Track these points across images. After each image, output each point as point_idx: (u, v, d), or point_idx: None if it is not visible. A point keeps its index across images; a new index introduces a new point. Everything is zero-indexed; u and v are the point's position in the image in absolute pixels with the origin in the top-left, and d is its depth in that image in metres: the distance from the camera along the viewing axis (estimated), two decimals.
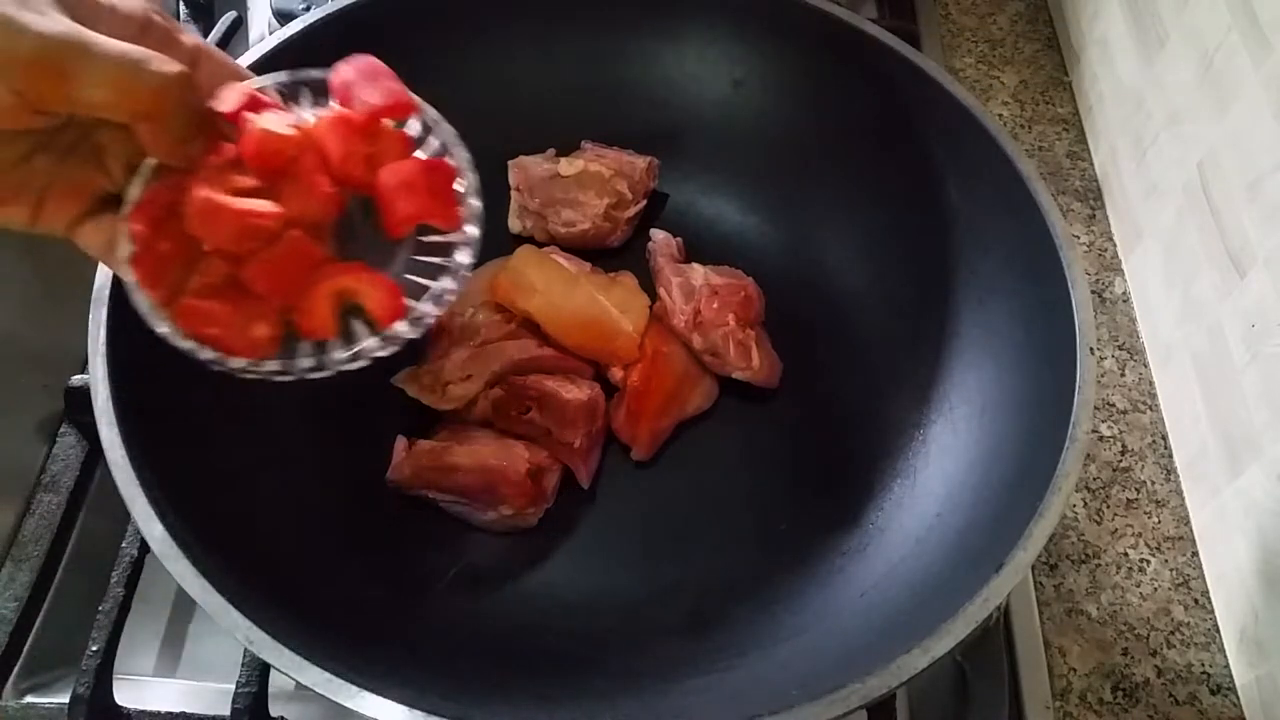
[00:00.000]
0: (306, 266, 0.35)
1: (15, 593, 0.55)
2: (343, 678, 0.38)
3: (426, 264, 0.38)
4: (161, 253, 0.35)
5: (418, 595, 0.53)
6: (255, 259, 0.34)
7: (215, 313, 0.35)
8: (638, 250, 0.65)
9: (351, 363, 0.37)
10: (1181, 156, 0.66)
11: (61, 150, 0.36)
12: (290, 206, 0.34)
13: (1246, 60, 0.58)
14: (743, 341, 0.59)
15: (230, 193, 0.33)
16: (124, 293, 0.46)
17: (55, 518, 0.58)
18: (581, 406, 0.56)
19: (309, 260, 0.35)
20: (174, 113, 0.33)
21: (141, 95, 0.32)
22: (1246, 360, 0.58)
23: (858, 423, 0.59)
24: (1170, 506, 0.64)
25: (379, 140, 0.37)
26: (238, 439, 0.51)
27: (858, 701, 0.38)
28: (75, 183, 0.36)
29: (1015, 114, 0.84)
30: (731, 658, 0.49)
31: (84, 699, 0.49)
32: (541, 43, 0.63)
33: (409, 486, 0.55)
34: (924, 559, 0.49)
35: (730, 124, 0.66)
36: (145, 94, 0.32)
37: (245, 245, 0.34)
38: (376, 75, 0.37)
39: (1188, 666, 0.58)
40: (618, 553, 0.56)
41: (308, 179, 0.35)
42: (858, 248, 0.63)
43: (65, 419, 0.61)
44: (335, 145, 0.35)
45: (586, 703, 0.46)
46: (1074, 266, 0.49)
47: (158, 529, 0.40)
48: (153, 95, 0.32)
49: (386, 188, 0.36)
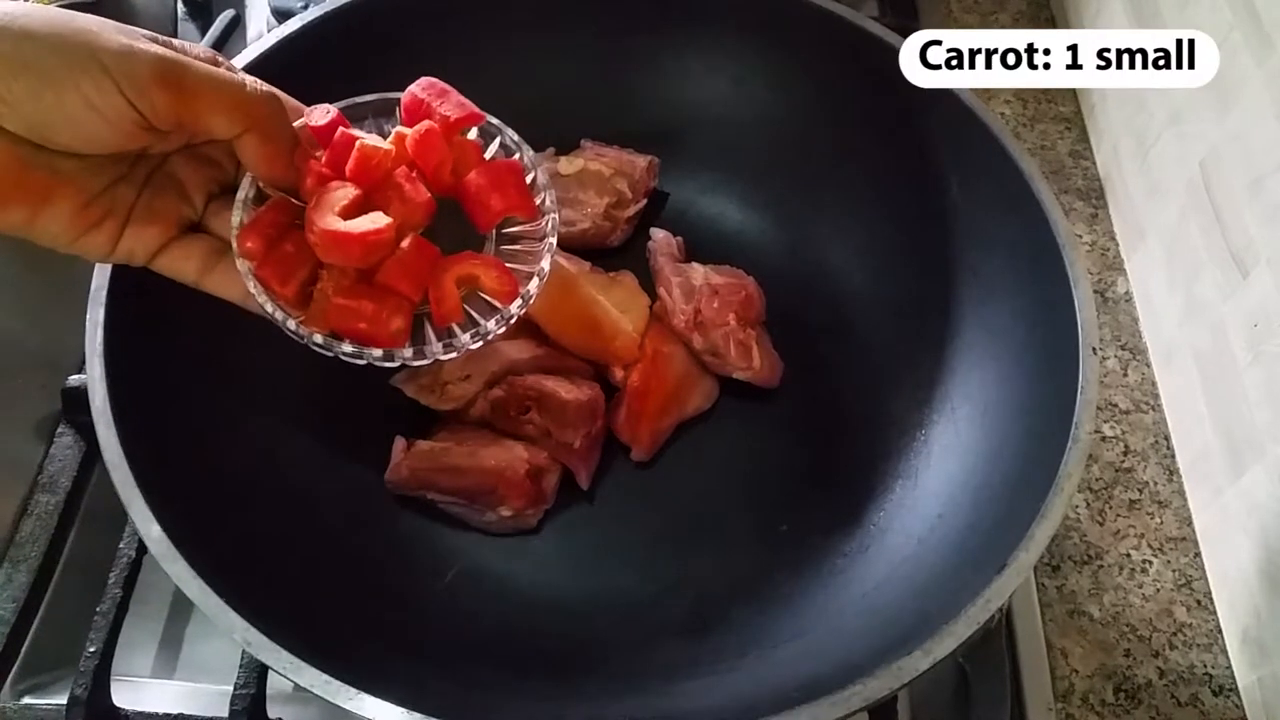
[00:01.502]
0: (430, 262, 0.39)
1: (12, 594, 0.55)
2: (340, 679, 0.38)
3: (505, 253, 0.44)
4: (286, 254, 0.38)
5: (417, 595, 0.52)
6: (388, 263, 0.38)
7: (363, 310, 0.38)
8: (638, 250, 0.65)
9: (476, 342, 0.41)
10: (1184, 155, 0.66)
11: (139, 181, 0.38)
12: (394, 214, 0.38)
13: (1249, 59, 0.58)
14: (743, 341, 0.59)
15: (341, 214, 0.37)
16: (123, 293, 0.46)
17: (53, 518, 0.58)
18: (581, 407, 0.55)
19: (431, 256, 0.39)
20: (276, 125, 0.37)
21: (248, 109, 0.36)
22: (1249, 360, 0.57)
23: (859, 423, 0.58)
24: (1173, 507, 0.64)
25: (457, 148, 0.41)
26: (235, 440, 0.51)
27: (859, 703, 0.38)
28: (157, 211, 0.39)
29: (1017, 112, 0.84)
30: (732, 659, 0.49)
31: (82, 700, 0.49)
32: (540, 41, 0.63)
33: (407, 487, 0.55)
34: (926, 560, 0.49)
35: (731, 122, 0.65)
36: (251, 107, 0.36)
37: (373, 260, 0.38)
38: (445, 92, 0.41)
39: (1190, 667, 0.58)
40: (618, 553, 0.56)
41: (409, 188, 0.39)
42: (859, 247, 0.63)
43: (62, 419, 0.61)
44: (427, 155, 0.40)
45: (587, 704, 0.46)
46: (1076, 266, 0.49)
47: (155, 530, 0.40)
48: (257, 108, 0.36)
49: (478, 189, 0.41)
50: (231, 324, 0.54)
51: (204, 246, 0.40)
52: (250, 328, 0.55)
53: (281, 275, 0.39)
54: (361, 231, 0.37)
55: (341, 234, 0.37)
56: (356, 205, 0.38)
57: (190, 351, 0.51)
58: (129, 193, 0.38)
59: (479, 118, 0.42)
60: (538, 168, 0.44)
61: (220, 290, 0.40)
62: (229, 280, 0.40)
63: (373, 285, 0.39)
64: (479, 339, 0.41)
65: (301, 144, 0.39)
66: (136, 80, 0.33)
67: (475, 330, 0.41)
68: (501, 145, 0.44)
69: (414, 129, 0.40)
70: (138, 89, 0.33)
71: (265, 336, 0.56)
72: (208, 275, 0.40)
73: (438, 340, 0.41)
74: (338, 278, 0.39)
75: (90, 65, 0.32)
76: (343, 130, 0.39)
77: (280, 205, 0.39)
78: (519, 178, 0.42)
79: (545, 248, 0.43)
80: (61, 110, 0.33)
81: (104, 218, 0.37)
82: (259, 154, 0.37)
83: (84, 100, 0.33)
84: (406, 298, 0.39)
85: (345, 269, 0.39)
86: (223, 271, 0.40)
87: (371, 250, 0.38)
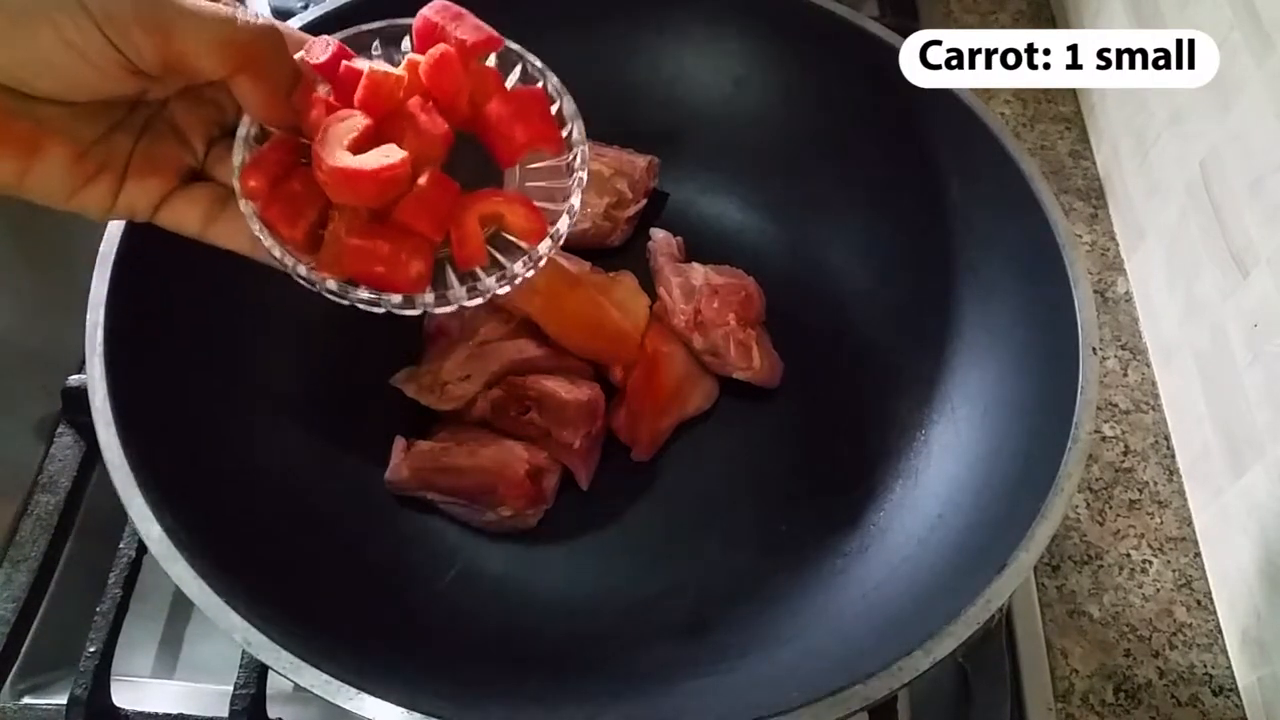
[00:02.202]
0: (451, 200, 0.37)
1: (13, 594, 0.55)
2: (340, 679, 0.38)
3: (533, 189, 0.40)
4: (293, 193, 0.36)
5: (417, 595, 0.52)
6: (405, 201, 0.35)
7: (380, 251, 0.35)
8: (638, 250, 0.65)
9: (502, 286, 0.38)
10: (1184, 155, 0.66)
11: (137, 128, 0.36)
12: (409, 147, 0.35)
13: (1249, 59, 0.58)
14: (743, 341, 0.59)
15: (351, 149, 0.34)
16: (123, 293, 0.46)
17: (53, 518, 0.58)
18: (581, 407, 0.55)
19: (452, 193, 0.37)
20: (271, 63, 0.34)
21: (239, 47, 0.33)
22: (1249, 360, 0.57)
23: (859, 423, 0.58)
24: (1173, 507, 0.64)
25: (475, 76, 0.38)
26: (235, 440, 0.51)
27: (859, 703, 0.38)
28: (156, 160, 0.36)
29: (1017, 112, 0.84)
30: (732, 659, 0.49)
31: (82, 700, 0.49)
32: (540, 40, 0.63)
33: (407, 487, 0.55)
34: (926, 560, 0.49)
35: (731, 122, 0.65)
36: (243, 45, 0.33)
37: (388, 198, 0.35)
38: (460, 14, 0.38)
39: (1190, 668, 0.58)
40: (618, 553, 0.56)
41: (424, 118, 0.36)
42: (859, 247, 0.63)
43: (62, 419, 0.61)
44: (443, 83, 0.36)
45: (587, 704, 0.45)
46: (1076, 266, 0.49)
47: (155, 530, 0.40)
48: (250, 46, 0.33)
49: (500, 119, 0.38)
50: (232, 324, 0.54)
51: (207, 195, 0.38)
52: (250, 327, 0.55)
53: (289, 216, 0.36)
54: (374, 167, 0.34)
55: (352, 170, 0.34)
56: (367, 137, 0.35)
57: (190, 352, 0.51)
58: (125, 142, 0.36)
59: (498, 42, 0.39)
60: (563, 96, 0.40)
61: (225, 240, 0.38)
62: (234, 229, 0.37)
63: (388, 225, 0.36)
64: (505, 283, 0.38)
65: (303, 80, 0.36)
66: (116, 18, 0.30)
67: (501, 274, 0.38)
68: (523, 74, 0.41)
69: (427, 54, 0.36)
70: (118, 28, 0.30)
71: (266, 336, 0.56)
72: (212, 225, 0.38)
73: (460, 285, 0.38)
74: (350, 218, 0.36)
75: (66, 2, 0.30)
76: (347, 64, 0.36)
77: (285, 141, 0.37)
78: (544, 107, 0.39)
79: (575, 183, 0.39)
80: (36, 51, 0.30)
81: (100, 170, 0.35)
82: (254, 95, 0.34)
83: (61, 40, 0.30)
84: (426, 238, 0.36)
85: (358, 208, 0.36)
86: (227, 220, 0.37)
87: (386, 187, 0.35)
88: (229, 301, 0.53)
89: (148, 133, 0.37)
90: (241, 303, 0.54)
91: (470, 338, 0.58)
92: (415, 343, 0.60)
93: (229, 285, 0.54)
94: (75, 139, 0.34)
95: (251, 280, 0.54)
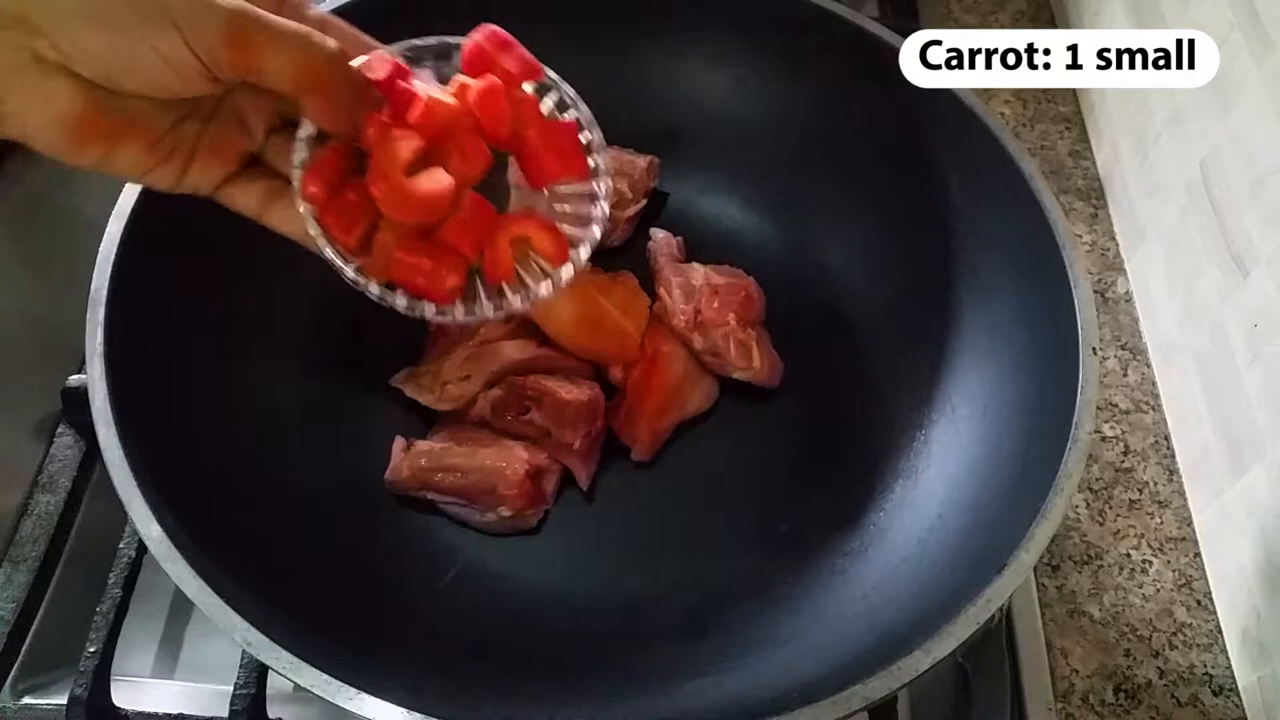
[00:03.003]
0: (489, 223, 0.41)
1: (12, 594, 0.55)
2: (341, 679, 0.38)
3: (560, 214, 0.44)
4: (349, 202, 0.39)
5: (417, 596, 0.52)
6: (450, 223, 0.39)
7: (423, 266, 0.39)
8: (638, 250, 0.65)
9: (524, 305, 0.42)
10: (1184, 155, 0.66)
11: (204, 116, 0.39)
12: (454, 170, 0.38)
13: (1249, 59, 0.58)
14: (743, 341, 0.59)
15: (405, 169, 0.37)
16: (123, 293, 0.46)
17: (53, 518, 0.58)
18: (581, 407, 0.55)
19: (490, 217, 0.41)
20: (339, 85, 0.37)
21: (312, 69, 0.36)
22: (1249, 360, 0.57)
23: (859, 423, 0.58)
24: (1173, 507, 0.64)
25: (516, 103, 0.41)
26: (235, 439, 0.51)
27: (859, 703, 0.38)
28: (220, 145, 0.40)
29: (1017, 112, 0.84)
30: (732, 659, 0.49)
31: (82, 700, 0.49)
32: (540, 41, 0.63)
33: (407, 487, 0.55)
34: (926, 560, 0.49)
35: (731, 122, 0.65)
36: (315, 67, 0.36)
37: (433, 219, 0.39)
38: (509, 43, 0.41)
39: (1190, 668, 0.58)
40: (618, 554, 0.56)
41: (470, 145, 0.39)
42: (859, 247, 0.63)
43: (62, 419, 0.61)
44: (490, 112, 0.40)
45: (587, 704, 0.45)
46: (1076, 266, 0.49)
47: (155, 530, 0.40)
48: (322, 69, 0.36)
49: (536, 147, 0.42)
50: (232, 325, 0.54)
51: (264, 184, 0.41)
52: (250, 329, 0.55)
53: (344, 224, 0.39)
54: (425, 192, 0.37)
55: (406, 192, 0.37)
56: (420, 158, 0.38)
57: (190, 352, 0.51)
58: (194, 128, 0.39)
59: (540, 73, 0.42)
60: (593, 127, 0.44)
61: (281, 226, 0.41)
62: (289, 217, 0.41)
63: (432, 241, 0.39)
64: (527, 301, 0.42)
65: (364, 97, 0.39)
66: (204, 37, 0.34)
67: (525, 293, 0.42)
68: (557, 101, 0.44)
69: (477, 83, 0.40)
70: (204, 45, 0.34)
71: (266, 337, 0.56)
72: (268, 212, 0.41)
73: (488, 299, 0.42)
74: (398, 230, 0.39)
75: (161, 20, 0.33)
76: (402, 84, 0.39)
77: (343, 147, 0.40)
78: (575, 140, 0.43)
79: (597, 213, 0.43)
80: (133, 61, 0.34)
81: (171, 153, 0.38)
82: (319, 110, 0.38)
83: (154, 52, 0.34)
84: (464, 256, 0.40)
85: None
86: (282, 208, 0.41)
87: (435, 209, 0.38)
88: (229, 302, 0.53)
89: (214, 120, 0.40)
90: (242, 304, 0.54)
91: (470, 338, 0.58)
92: (415, 343, 0.60)
93: (229, 286, 0.54)
94: (152, 128, 0.37)
95: (252, 282, 0.54)
